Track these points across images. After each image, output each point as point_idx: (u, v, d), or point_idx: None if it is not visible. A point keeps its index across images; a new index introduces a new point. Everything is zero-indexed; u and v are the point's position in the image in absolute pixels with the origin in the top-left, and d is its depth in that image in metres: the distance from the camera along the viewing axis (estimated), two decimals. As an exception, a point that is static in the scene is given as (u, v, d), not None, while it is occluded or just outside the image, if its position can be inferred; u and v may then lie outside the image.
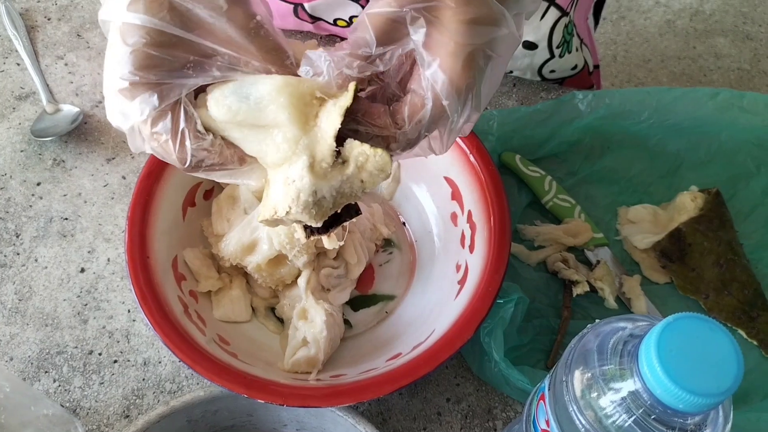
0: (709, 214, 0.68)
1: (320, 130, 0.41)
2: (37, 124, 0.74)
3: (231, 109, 0.41)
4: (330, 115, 0.40)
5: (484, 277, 0.57)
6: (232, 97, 0.41)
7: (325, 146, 0.41)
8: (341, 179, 0.42)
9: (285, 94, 0.40)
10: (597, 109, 0.72)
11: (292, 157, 0.41)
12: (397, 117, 0.41)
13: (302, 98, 0.40)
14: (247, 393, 0.51)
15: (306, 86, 0.41)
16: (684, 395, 0.32)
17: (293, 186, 0.41)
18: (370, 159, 0.41)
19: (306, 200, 0.41)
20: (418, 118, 0.40)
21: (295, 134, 0.41)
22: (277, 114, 0.40)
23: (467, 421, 0.60)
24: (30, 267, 0.66)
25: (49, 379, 0.61)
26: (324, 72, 0.40)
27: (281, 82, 0.40)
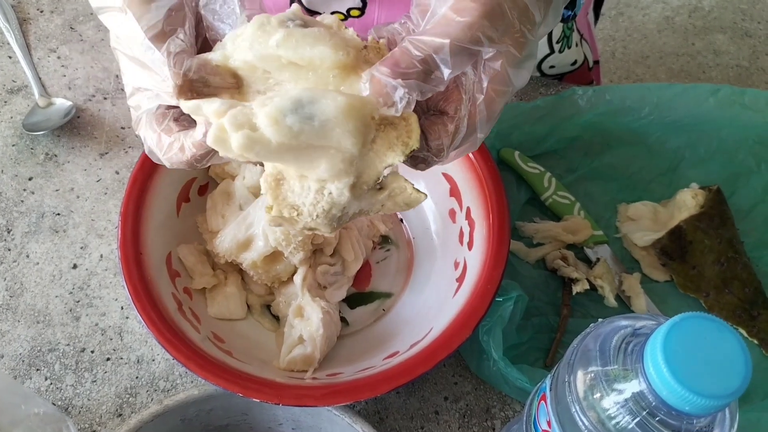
0: (709, 212, 0.67)
1: (375, 156, 0.40)
2: (29, 118, 0.73)
3: (292, 131, 0.37)
4: (392, 149, 0.40)
5: (482, 274, 0.56)
6: (293, 118, 0.37)
7: (374, 173, 0.40)
8: (371, 201, 0.42)
9: (352, 119, 0.38)
10: (597, 106, 0.72)
11: (343, 176, 0.40)
12: (431, 140, 0.41)
13: (365, 122, 0.39)
14: (242, 392, 0.50)
15: (370, 109, 0.39)
16: (691, 397, 0.31)
17: (328, 198, 0.40)
18: (404, 193, 0.42)
19: (335, 215, 0.41)
20: (454, 144, 0.41)
21: (353, 156, 0.39)
22: (342, 138, 0.38)
23: (465, 421, 0.59)
24: (21, 263, 0.65)
25: (41, 377, 0.60)
26: (398, 106, 0.38)
27: (347, 105, 0.38)
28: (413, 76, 0.38)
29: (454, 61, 0.38)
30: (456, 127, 0.40)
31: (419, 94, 0.38)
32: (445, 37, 0.38)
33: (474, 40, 0.38)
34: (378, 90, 0.38)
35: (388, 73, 0.38)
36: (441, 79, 0.38)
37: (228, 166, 0.63)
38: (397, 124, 0.40)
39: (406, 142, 0.39)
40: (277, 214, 0.42)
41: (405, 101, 0.38)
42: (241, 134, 0.37)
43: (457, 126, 0.40)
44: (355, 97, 0.39)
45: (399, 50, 0.38)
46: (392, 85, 0.38)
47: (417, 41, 0.38)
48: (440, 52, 0.37)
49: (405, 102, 0.38)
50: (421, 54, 0.38)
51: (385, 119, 0.40)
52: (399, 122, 0.40)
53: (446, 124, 0.41)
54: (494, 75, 0.39)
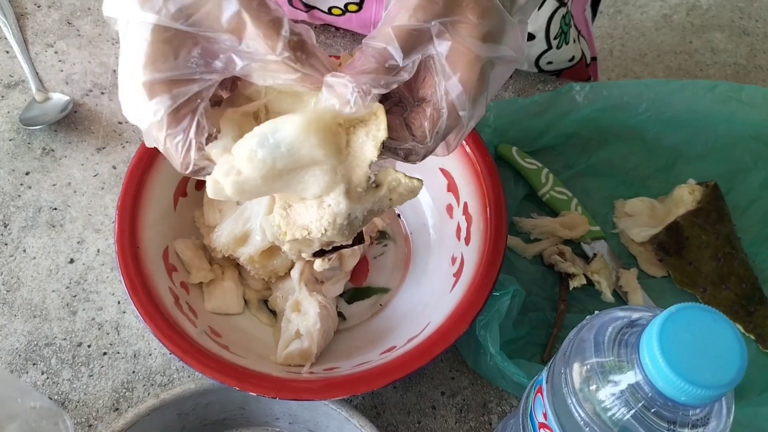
0: (707, 207, 0.67)
1: (355, 158, 0.42)
2: (26, 112, 0.73)
3: (266, 163, 0.40)
4: (365, 146, 0.41)
5: (479, 269, 0.56)
6: (262, 151, 0.40)
7: (361, 174, 0.42)
8: (373, 201, 0.43)
9: (313, 133, 0.40)
10: (594, 101, 0.72)
11: (333, 186, 0.42)
12: (415, 129, 0.41)
13: (330, 131, 0.40)
14: (238, 386, 0.50)
15: (329, 118, 0.40)
16: (686, 387, 0.31)
17: (329, 210, 0.42)
18: (401, 184, 0.43)
19: (342, 223, 0.43)
20: (436, 129, 0.41)
21: (333, 165, 0.41)
22: (312, 153, 0.40)
23: (462, 415, 0.59)
24: (18, 257, 0.65)
25: (37, 371, 0.60)
26: (351, 102, 0.39)
27: (304, 122, 0.40)
28: (369, 71, 0.38)
29: (404, 46, 0.38)
30: (435, 109, 0.40)
31: (382, 88, 0.39)
32: (389, 25, 0.39)
33: (416, 19, 0.38)
34: (331, 91, 0.40)
35: (338, 76, 0.39)
36: (397, 66, 0.39)
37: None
38: (368, 121, 0.41)
39: (375, 136, 0.41)
40: (291, 238, 0.45)
41: (357, 95, 0.39)
42: (230, 181, 0.41)
43: (435, 108, 0.40)
44: (309, 112, 0.41)
45: (357, 53, 0.40)
46: (341, 83, 0.39)
47: (370, 39, 0.39)
48: (389, 42, 0.38)
49: (357, 96, 0.39)
50: (375, 49, 0.39)
51: (355, 121, 0.41)
52: (370, 118, 0.41)
53: (425, 109, 0.41)
54: (450, 47, 0.39)
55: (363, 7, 0.73)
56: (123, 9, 0.38)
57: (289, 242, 0.45)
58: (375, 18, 0.74)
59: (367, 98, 0.39)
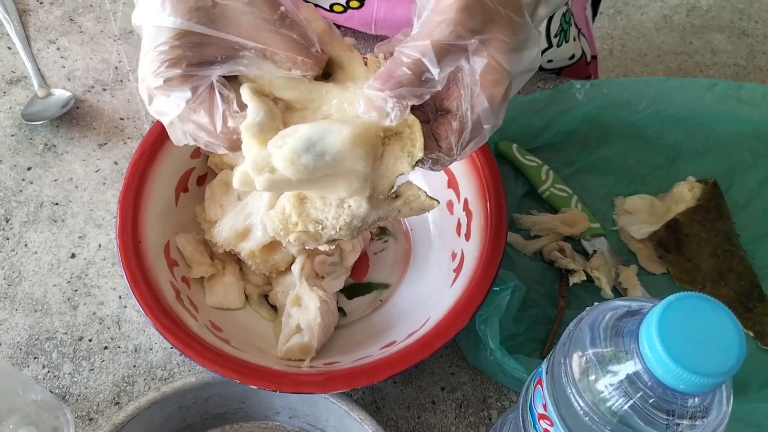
0: (706, 205, 0.68)
1: (386, 169, 0.43)
2: (28, 108, 0.73)
3: (307, 169, 0.40)
4: (399, 161, 0.42)
5: (480, 265, 0.56)
6: (306, 157, 0.40)
7: (387, 184, 0.43)
8: (387, 209, 0.45)
9: (360, 145, 0.41)
10: (594, 99, 0.72)
11: (360, 192, 0.43)
12: (441, 140, 0.42)
13: (372, 144, 0.41)
14: (239, 379, 0.50)
15: (374, 132, 0.41)
16: (685, 375, 0.31)
17: (348, 211, 0.43)
18: (418, 200, 0.45)
19: (356, 225, 0.44)
20: (461, 141, 0.42)
21: (367, 174, 0.42)
22: (354, 164, 0.41)
23: (462, 410, 0.60)
24: (20, 252, 0.65)
25: (38, 365, 0.60)
26: (392, 117, 0.40)
27: (352, 135, 0.40)
28: (405, 83, 0.39)
29: (440, 59, 0.39)
30: (461, 123, 0.42)
31: (416, 99, 0.40)
32: (427, 39, 0.39)
33: (455, 35, 0.39)
34: (370, 105, 0.40)
35: (378, 87, 0.40)
36: (433, 80, 0.39)
37: (227, 156, 0.63)
38: (402, 133, 0.42)
39: (411, 152, 0.42)
40: (303, 229, 0.45)
41: (397, 110, 0.40)
42: (263, 178, 0.41)
43: (462, 122, 0.42)
44: (357, 124, 0.41)
45: (390, 62, 0.40)
46: (381, 97, 0.39)
47: (404, 49, 0.40)
48: (426, 55, 0.39)
49: (397, 111, 0.40)
50: (410, 60, 0.39)
51: (389, 131, 0.42)
52: (404, 130, 0.42)
53: (450, 122, 0.42)
54: (485, 65, 0.40)
55: (365, 3, 0.73)
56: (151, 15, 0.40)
57: (298, 233, 0.45)
58: (376, 15, 0.74)
59: (406, 111, 0.40)
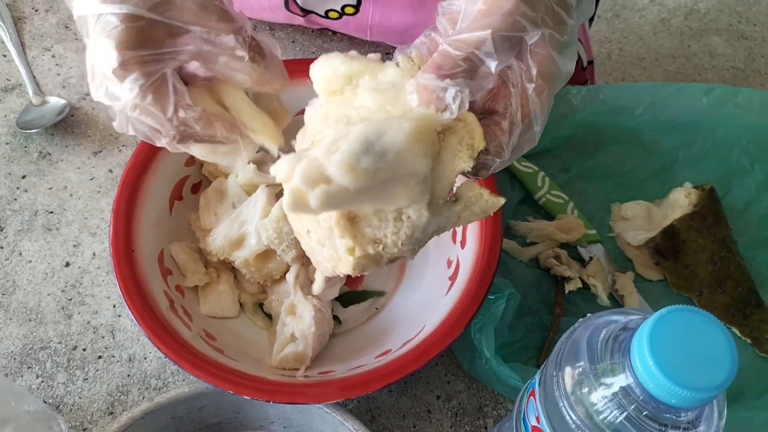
0: (703, 211, 0.67)
1: (445, 168, 0.39)
2: (23, 116, 0.73)
3: (369, 173, 0.35)
4: (459, 156, 0.38)
5: (475, 272, 0.56)
6: (367, 159, 0.35)
7: (447, 185, 0.39)
8: (447, 216, 0.40)
9: (422, 141, 0.37)
10: (591, 105, 0.72)
11: (420, 198, 0.38)
12: (489, 143, 0.39)
13: (432, 139, 0.37)
14: (232, 389, 0.50)
15: (433, 126, 0.37)
16: (677, 390, 0.31)
17: (408, 222, 0.39)
18: (481, 200, 0.40)
19: (418, 237, 0.39)
20: (513, 142, 0.39)
21: (426, 175, 0.38)
22: (415, 164, 0.37)
23: (457, 419, 0.59)
24: (14, 261, 0.65)
25: (32, 374, 0.60)
26: (453, 109, 0.37)
27: (414, 129, 0.36)
28: (459, 75, 0.36)
29: (499, 51, 0.36)
30: (510, 122, 0.39)
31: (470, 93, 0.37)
32: (486, 29, 0.36)
33: (516, 26, 0.37)
34: (426, 97, 0.37)
35: (432, 78, 0.36)
36: (488, 73, 0.37)
37: (221, 164, 0.63)
38: (456, 129, 0.38)
39: (470, 144, 0.38)
40: (362, 254, 0.39)
41: (458, 101, 0.36)
42: (319, 192, 0.35)
43: (511, 121, 0.39)
44: (418, 118, 0.37)
45: (438, 54, 0.37)
46: (441, 86, 0.36)
47: (456, 41, 0.37)
48: (483, 46, 0.36)
49: (459, 102, 0.36)
50: (463, 52, 0.36)
51: (444, 128, 0.38)
52: (458, 126, 0.38)
53: (499, 122, 0.39)
54: (541, 60, 0.38)
55: (360, 9, 0.73)
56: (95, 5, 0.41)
57: (357, 259, 0.39)
58: (371, 21, 0.74)
59: (466, 105, 0.37)
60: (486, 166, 0.40)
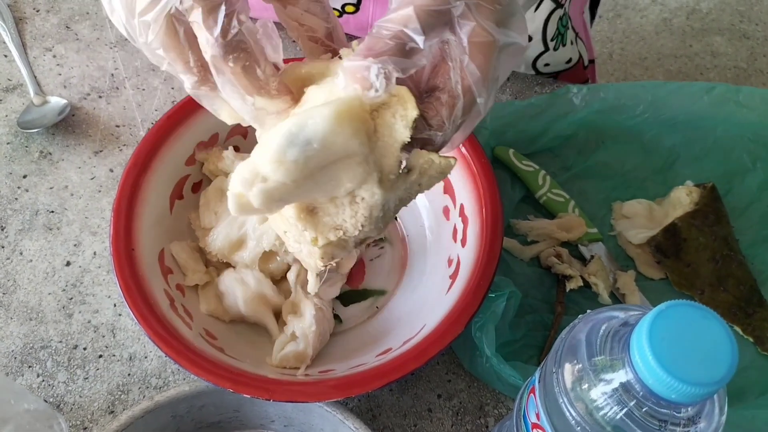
0: (704, 209, 0.67)
1: (384, 144, 0.39)
2: (24, 115, 0.73)
3: (298, 164, 0.36)
4: (395, 128, 0.38)
5: (475, 271, 0.56)
6: (293, 151, 0.36)
7: (392, 159, 0.39)
8: (404, 187, 0.41)
9: (346, 123, 0.37)
10: (591, 103, 0.71)
11: (366, 178, 0.38)
12: (430, 118, 0.39)
13: (360, 118, 0.38)
14: (233, 387, 0.50)
15: (359, 105, 0.38)
16: (676, 385, 0.31)
17: (363, 204, 0.39)
18: (433, 165, 0.40)
19: (377, 216, 0.40)
20: (453, 116, 0.39)
21: (365, 155, 0.38)
22: (347, 146, 0.37)
23: (458, 418, 0.59)
24: (15, 260, 0.65)
25: (33, 374, 0.60)
26: (377, 86, 0.37)
27: (334, 113, 0.37)
28: (388, 54, 0.36)
29: (425, 27, 0.36)
30: (450, 96, 0.39)
31: (399, 70, 0.37)
32: (410, 5, 0.37)
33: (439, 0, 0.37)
34: (352, 77, 0.37)
35: (358, 59, 0.37)
36: (418, 49, 0.37)
37: (222, 163, 0.63)
38: (390, 104, 0.39)
39: (403, 115, 0.38)
40: (325, 242, 0.40)
41: (381, 77, 0.37)
42: (257, 190, 0.37)
43: (451, 94, 0.39)
44: (336, 102, 0.38)
45: (369, 36, 0.38)
46: (364, 65, 0.37)
47: (384, 21, 0.37)
48: (409, 23, 0.36)
49: (382, 78, 0.37)
50: (391, 32, 0.37)
51: (377, 105, 0.39)
52: (392, 101, 0.39)
53: (439, 96, 0.39)
54: (471, 30, 0.38)
55: (360, 8, 0.73)
56: None
57: (323, 248, 0.41)
58: (372, 19, 0.74)
59: (392, 81, 0.37)
60: (430, 142, 0.40)
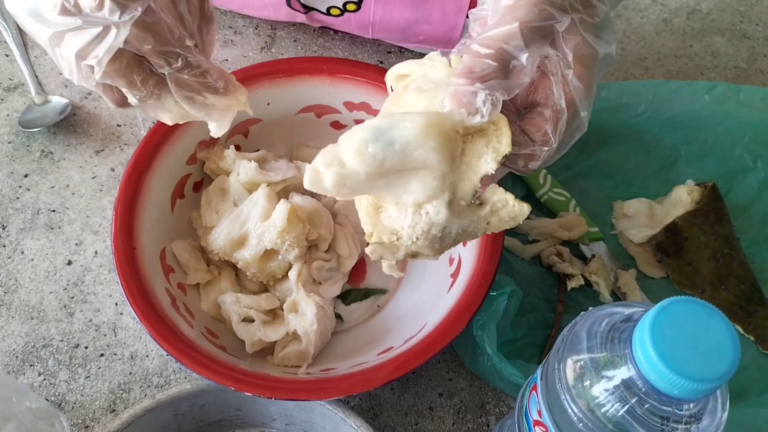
0: (705, 208, 0.67)
1: (468, 169, 0.39)
2: (26, 115, 0.73)
3: (376, 159, 0.38)
4: (483, 158, 0.39)
5: (477, 269, 0.56)
6: (375, 146, 0.38)
7: (470, 186, 0.39)
8: (472, 219, 0.41)
9: (432, 136, 0.38)
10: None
11: (438, 195, 0.39)
12: (533, 134, 0.39)
13: (448, 137, 0.38)
14: (234, 386, 0.50)
15: (451, 124, 0.38)
16: (679, 381, 0.31)
17: (426, 218, 0.40)
18: (507, 206, 0.41)
19: (435, 235, 0.40)
20: (559, 129, 0.39)
21: (443, 172, 0.39)
22: (426, 157, 0.38)
23: (460, 417, 0.59)
24: (16, 259, 0.65)
25: (34, 372, 0.60)
26: (484, 112, 0.37)
27: (424, 123, 0.37)
28: (492, 76, 0.36)
29: (528, 43, 0.36)
30: (554, 110, 0.38)
31: (504, 93, 0.37)
32: (514, 22, 0.36)
33: (543, 15, 0.36)
34: (457, 102, 0.37)
35: (464, 83, 0.36)
36: (522, 67, 0.36)
37: (223, 162, 0.63)
38: (486, 131, 0.39)
39: (496, 148, 0.38)
40: (377, 240, 0.41)
41: (489, 104, 0.36)
42: (332, 172, 0.38)
43: (555, 109, 0.38)
44: (431, 114, 0.38)
45: (469, 55, 0.37)
46: (471, 91, 0.36)
47: (485, 39, 0.37)
48: (511, 40, 0.36)
49: (489, 105, 0.36)
50: (492, 49, 0.36)
51: (472, 129, 0.39)
52: (488, 128, 0.39)
53: (542, 112, 0.39)
54: (576, 44, 0.37)
55: (361, 6, 0.73)
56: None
57: (373, 245, 0.42)
58: (373, 18, 0.74)
59: (498, 106, 0.37)
60: (534, 157, 0.40)
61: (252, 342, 0.58)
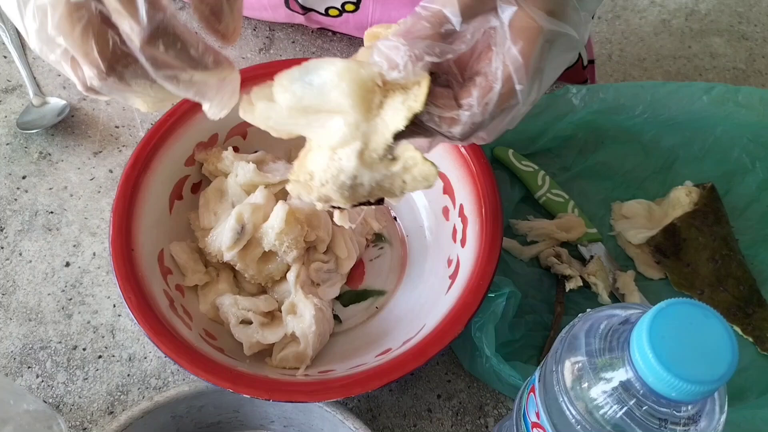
0: (704, 209, 0.67)
1: (382, 122, 0.40)
2: (24, 116, 0.73)
3: (296, 95, 0.40)
4: (396, 113, 0.40)
5: (475, 271, 0.56)
6: (296, 84, 0.40)
7: (381, 139, 0.41)
8: (385, 173, 0.42)
9: (346, 80, 0.39)
10: (591, 104, 0.71)
11: (350, 141, 0.41)
12: (462, 100, 0.39)
13: (364, 85, 0.39)
14: (232, 388, 0.50)
15: (367, 73, 0.39)
16: (676, 382, 0.31)
17: (336, 163, 0.42)
18: (418, 165, 0.42)
19: (343, 181, 0.42)
20: (486, 100, 0.38)
21: (356, 120, 0.40)
22: (339, 100, 0.40)
23: (458, 418, 0.59)
24: (14, 261, 0.65)
25: (32, 374, 0.60)
26: (400, 66, 0.37)
27: (342, 67, 0.39)
28: (425, 37, 0.36)
29: (464, 9, 0.36)
30: (487, 79, 0.38)
31: (435, 56, 0.37)
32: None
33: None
34: (379, 54, 0.38)
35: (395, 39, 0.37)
36: (453, 31, 0.36)
37: (221, 163, 0.63)
38: (409, 89, 0.39)
39: (410, 106, 0.39)
40: (295, 179, 0.44)
41: (408, 61, 0.37)
42: (261, 105, 0.42)
43: (488, 78, 0.38)
44: (352, 61, 0.40)
45: (410, 17, 0.37)
46: (393, 46, 0.37)
47: (429, 1, 0.37)
48: (449, 5, 0.36)
49: (408, 62, 0.37)
50: (430, 12, 0.37)
51: (396, 85, 0.40)
52: (412, 87, 0.39)
53: (474, 79, 0.38)
54: (514, 15, 0.37)
55: (360, 7, 0.73)
56: None
57: (293, 182, 0.45)
58: (371, 18, 0.74)
59: (418, 64, 0.37)
60: (456, 122, 0.39)
61: (250, 344, 0.57)
